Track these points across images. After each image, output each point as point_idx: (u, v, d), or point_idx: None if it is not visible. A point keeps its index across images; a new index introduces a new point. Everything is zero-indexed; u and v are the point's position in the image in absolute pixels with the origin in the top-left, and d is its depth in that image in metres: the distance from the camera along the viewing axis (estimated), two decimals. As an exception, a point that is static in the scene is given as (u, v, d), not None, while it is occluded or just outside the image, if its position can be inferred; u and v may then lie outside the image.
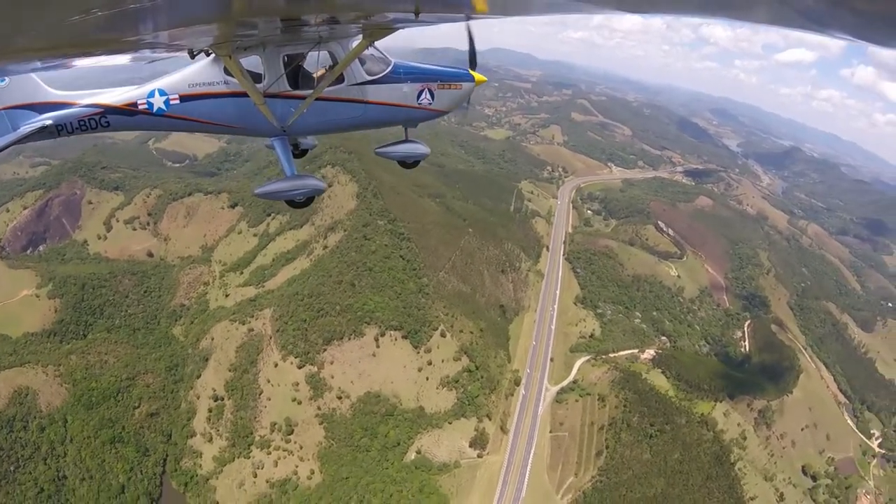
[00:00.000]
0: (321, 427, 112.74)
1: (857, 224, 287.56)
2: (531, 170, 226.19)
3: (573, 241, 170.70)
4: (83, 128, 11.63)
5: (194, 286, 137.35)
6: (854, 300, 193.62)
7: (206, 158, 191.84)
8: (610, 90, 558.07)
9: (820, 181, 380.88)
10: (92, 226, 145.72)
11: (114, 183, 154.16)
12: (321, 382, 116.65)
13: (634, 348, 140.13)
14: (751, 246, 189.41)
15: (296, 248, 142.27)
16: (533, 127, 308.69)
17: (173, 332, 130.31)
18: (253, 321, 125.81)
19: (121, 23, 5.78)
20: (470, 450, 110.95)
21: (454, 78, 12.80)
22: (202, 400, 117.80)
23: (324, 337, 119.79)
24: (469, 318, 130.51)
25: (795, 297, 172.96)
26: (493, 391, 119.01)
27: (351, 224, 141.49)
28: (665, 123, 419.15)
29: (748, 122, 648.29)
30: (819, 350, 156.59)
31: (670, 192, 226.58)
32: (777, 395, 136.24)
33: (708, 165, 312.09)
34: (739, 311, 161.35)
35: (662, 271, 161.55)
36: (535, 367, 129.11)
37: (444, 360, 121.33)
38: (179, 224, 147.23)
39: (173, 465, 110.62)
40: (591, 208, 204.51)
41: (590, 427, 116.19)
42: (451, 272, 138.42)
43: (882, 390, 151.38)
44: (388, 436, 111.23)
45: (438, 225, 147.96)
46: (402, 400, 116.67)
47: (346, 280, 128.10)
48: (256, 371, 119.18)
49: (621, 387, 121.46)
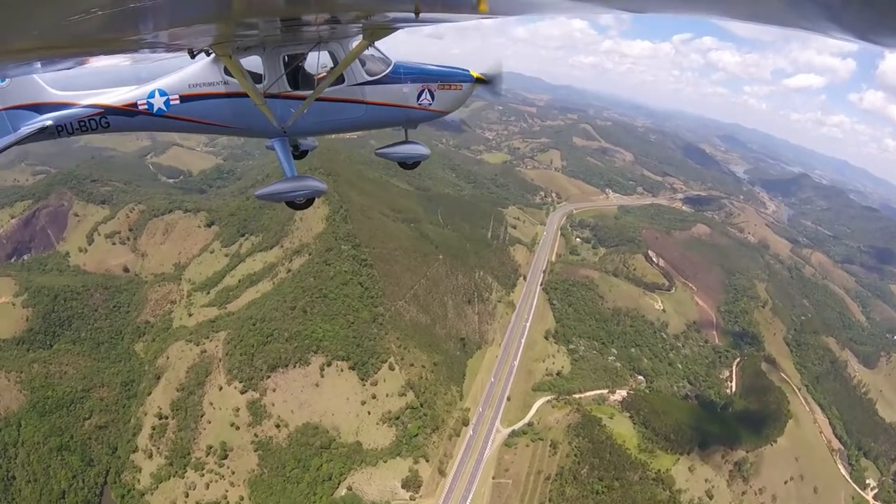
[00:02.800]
0: (255, 454, 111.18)
1: (864, 252, 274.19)
2: (522, 195, 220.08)
3: (552, 270, 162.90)
4: (83, 128, 11.67)
5: (161, 304, 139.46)
6: (857, 333, 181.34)
7: (200, 175, 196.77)
8: (618, 115, 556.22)
9: (827, 208, 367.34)
10: (75, 238, 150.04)
11: (102, 196, 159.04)
12: (261, 409, 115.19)
13: (604, 388, 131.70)
14: (748, 277, 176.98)
15: (262, 271, 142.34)
16: (532, 151, 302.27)
17: (135, 348, 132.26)
18: (207, 343, 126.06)
19: (121, 23, 5.86)
20: (402, 491, 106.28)
21: (454, 78, 12.78)
22: (148, 417, 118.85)
23: (269, 363, 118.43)
24: (423, 350, 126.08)
25: (793, 332, 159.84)
26: (434, 430, 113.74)
27: (316, 248, 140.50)
28: (670, 149, 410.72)
29: (757, 148, 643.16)
30: (815, 390, 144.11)
31: (667, 219, 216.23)
32: (759, 444, 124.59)
33: (711, 192, 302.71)
34: (729, 347, 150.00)
35: (646, 304, 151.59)
36: (489, 405, 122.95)
37: (388, 395, 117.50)
38: (157, 241, 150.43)
39: (114, 477, 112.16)
40: (580, 236, 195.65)
41: (535, 476, 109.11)
42: (411, 301, 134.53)
43: (881, 435, 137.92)
44: (321, 469, 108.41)
45: (407, 251, 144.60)
46: (340, 433, 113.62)
47: (299, 306, 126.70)
48: (202, 393, 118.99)
49: (576, 433, 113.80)
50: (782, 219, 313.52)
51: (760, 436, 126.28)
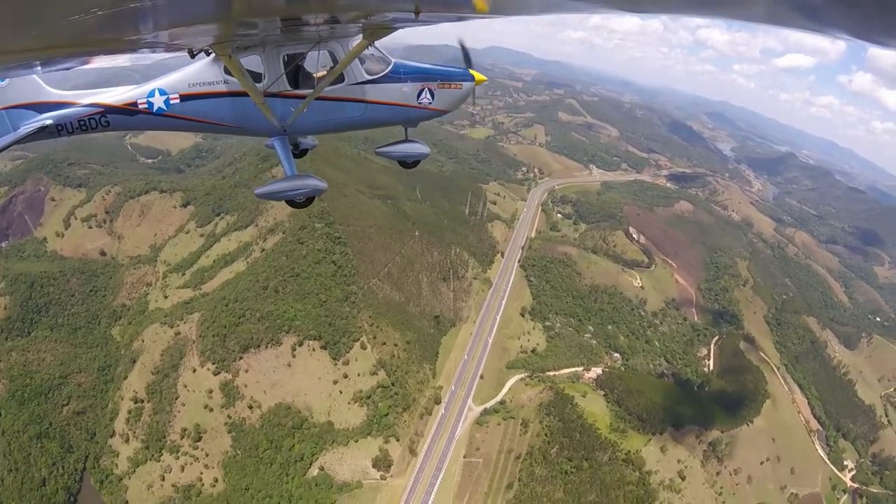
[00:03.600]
0: (229, 436, 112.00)
1: (848, 233, 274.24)
2: (504, 170, 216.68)
3: (531, 247, 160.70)
4: (83, 127, 11.69)
5: (137, 286, 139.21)
6: (839, 314, 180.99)
7: (179, 154, 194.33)
8: (605, 91, 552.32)
9: (813, 188, 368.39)
10: (52, 223, 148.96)
11: (79, 180, 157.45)
12: (234, 391, 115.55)
13: (579, 366, 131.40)
14: (730, 255, 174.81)
15: (237, 250, 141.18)
16: (516, 126, 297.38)
17: (112, 332, 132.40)
18: (181, 325, 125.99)
19: (121, 23, 5.83)
20: (373, 470, 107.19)
21: (454, 77, 12.76)
22: (125, 401, 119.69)
23: (241, 344, 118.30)
24: (396, 329, 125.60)
25: (774, 311, 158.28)
26: (405, 409, 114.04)
27: (290, 226, 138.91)
28: (656, 126, 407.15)
29: (745, 126, 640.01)
30: (794, 370, 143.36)
31: (649, 196, 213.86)
32: (735, 424, 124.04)
33: (696, 169, 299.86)
34: (708, 325, 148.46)
35: (625, 281, 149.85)
36: (462, 384, 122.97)
37: (360, 374, 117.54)
38: (133, 223, 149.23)
39: (93, 462, 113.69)
40: (561, 212, 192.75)
41: (506, 455, 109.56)
42: (385, 279, 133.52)
43: (860, 416, 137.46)
44: (293, 449, 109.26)
45: (382, 228, 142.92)
46: (312, 413, 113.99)
47: (271, 286, 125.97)
48: (177, 376, 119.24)
49: (547, 412, 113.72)
50: (767, 197, 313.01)
51: (737, 416, 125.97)
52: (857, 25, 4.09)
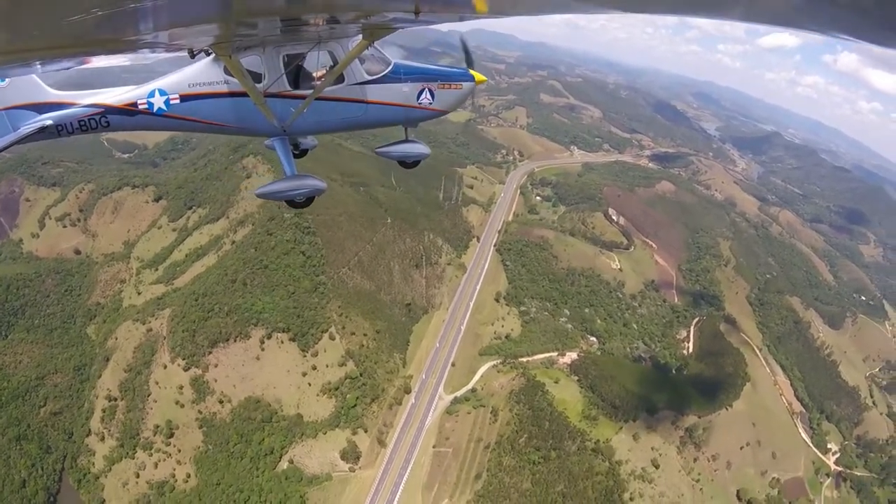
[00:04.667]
0: (200, 431, 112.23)
1: (833, 212, 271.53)
2: (483, 154, 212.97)
3: (507, 230, 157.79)
4: (83, 128, 11.63)
5: (111, 284, 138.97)
6: (824, 293, 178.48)
7: (155, 148, 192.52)
8: (589, 72, 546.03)
9: (798, 167, 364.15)
10: (28, 224, 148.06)
11: (53, 179, 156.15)
12: (205, 386, 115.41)
13: (553, 351, 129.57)
14: (712, 235, 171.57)
15: (208, 244, 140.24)
16: (497, 109, 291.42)
17: (87, 331, 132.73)
18: (153, 321, 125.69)
19: (121, 23, 5.85)
20: (342, 462, 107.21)
21: (454, 78, 12.76)
22: (99, 400, 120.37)
23: (210, 339, 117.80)
24: (366, 318, 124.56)
25: (756, 291, 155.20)
26: (374, 400, 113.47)
27: (259, 218, 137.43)
28: (640, 106, 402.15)
29: (730, 105, 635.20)
30: (776, 351, 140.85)
31: (630, 176, 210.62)
32: (713, 409, 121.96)
33: (680, 149, 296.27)
34: (688, 307, 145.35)
35: (602, 264, 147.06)
36: (433, 372, 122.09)
37: (328, 365, 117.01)
38: (107, 220, 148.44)
39: (70, 462, 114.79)
40: (540, 194, 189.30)
41: (475, 444, 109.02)
42: (355, 268, 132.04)
43: (844, 398, 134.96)
44: (263, 443, 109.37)
45: (353, 216, 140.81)
46: (282, 406, 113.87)
47: (239, 279, 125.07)
48: (149, 372, 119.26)
49: (517, 400, 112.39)
50: (752, 176, 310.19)
51: (715, 400, 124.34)
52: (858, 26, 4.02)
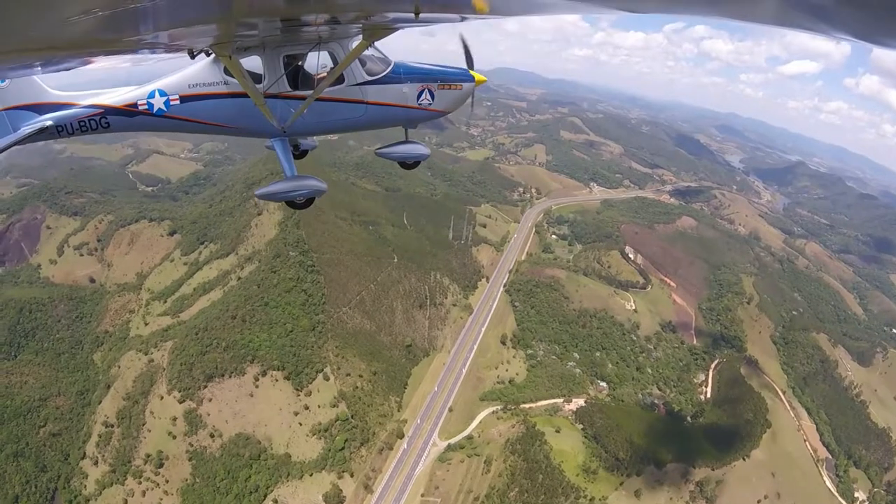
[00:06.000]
0: (189, 463, 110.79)
1: (861, 241, 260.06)
2: (499, 192, 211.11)
3: (518, 270, 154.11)
4: (83, 128, 11.66)
5: (120, 313, 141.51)
6: (853, 328, 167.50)
7: (178, 182, 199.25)
8: (612, 108, 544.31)
9: (824, 196, 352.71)
10: (47, 250, 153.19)
11: (75, 208, 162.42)
12: (198, 419, 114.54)
13: (559, 397, 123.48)
14: (734, 271, 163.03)
15: (216, 279, 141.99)
16: (516, 147, 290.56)
17: (94, 357, 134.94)
18: (155, 352, 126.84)
19: (121, 23, 5.86)
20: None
21: (454, 78, 12.72)
22: (97, 425, 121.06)
23: (206, 373, 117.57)
24: (363, 359, 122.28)
25: (781, 330, 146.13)
26: (363, 444, 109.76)
27: (265, 255, 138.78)
28: (662, 140, 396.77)
29: (754, 137, 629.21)
30: (801, 393, 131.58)
31: (650, 212, 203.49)
32: (728, 460, 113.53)
33: (702, 183, 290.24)
34: (708, 348, 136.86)
35: (616, 304, 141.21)
36: (429, 417, 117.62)
37: (320, 406, 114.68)
38: (122, 251, 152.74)
39: (63, 483, 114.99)
40: (556, 232, 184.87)
41: (465, 495, 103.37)
42: (356, 308, 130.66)
43: (874, 441, 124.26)
44: (249, 480, 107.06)
45: (359, 255, 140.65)
46: (272, 444, 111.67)
47: (239, 315, 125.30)
48: (146, 402, 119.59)
49: (512, 450, 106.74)
50: (777, 208, 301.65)
51: (731, 450, 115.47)
52: (859, 26, 3.98)
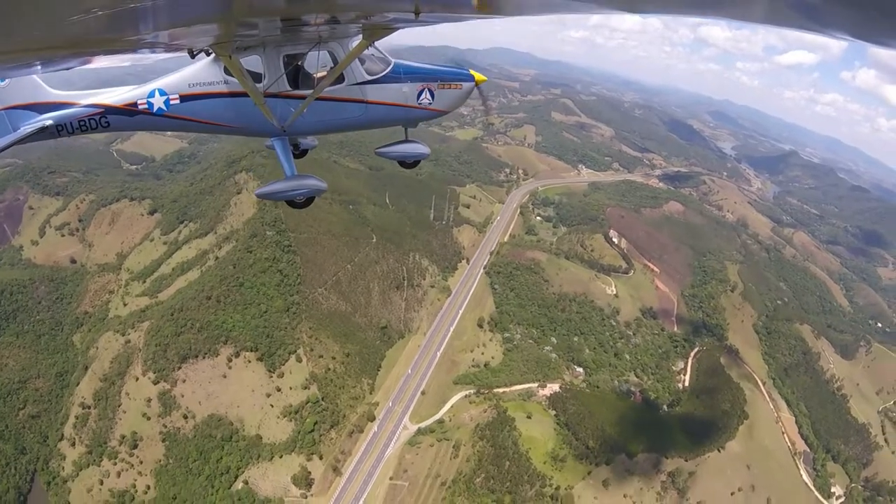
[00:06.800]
0: (163, 444, 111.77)
1: (850, 233, 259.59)
2: (486, 172, 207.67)
3: (499, 252, 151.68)
4: (83, 128, 11.67)
5: (100, 294, 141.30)
6: (838, 320, 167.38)
7: (162, 160, 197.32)
8: (606, 91, 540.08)
9: (815, 187, 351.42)
10: (29, 231, 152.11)
11: (57, 188, 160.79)
12: (171, 400, 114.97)
13: (534, 382, 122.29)
14: (720, 258, 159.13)
15: (194, 259, 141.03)
16: (505, 127, 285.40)
17: (73, 339, 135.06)
18: (132, 333, 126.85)
19: (121, 23, 5.86)
20: (294, 488, 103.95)
21: (454, 78, 12.74)
22: (74, 407, 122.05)
23: (180, 354, 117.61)
24: (337, 341, 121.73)
25: (764, 319, 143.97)
26: (333, 426, 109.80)
27: (242, 234, 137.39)
28: (654, 125, 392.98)
29: (748, 125, 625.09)
30: (782, 384, 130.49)
31: (638, 196, 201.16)
32: (702, 451, 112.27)
33: (693, 168, 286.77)
34: (689, 336, 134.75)
35: (597, 289, 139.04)
36: (401, 400, 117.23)
37: (292, 388, 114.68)
38: (103, 231, 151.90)
39: (42, 464, 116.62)
40: (541, 214, 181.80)
41: (433, 480, 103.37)
42: (332, 289, 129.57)
43: (853, 436, 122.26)
44: (220, 461, 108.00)
45: (337, 235, 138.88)
46: (244, 425, 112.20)
47: (214, 295, 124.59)
48: (122, 383, 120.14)
49: (481, 435, 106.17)
50: (767, 196, 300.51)
51: (706, 440, 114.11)
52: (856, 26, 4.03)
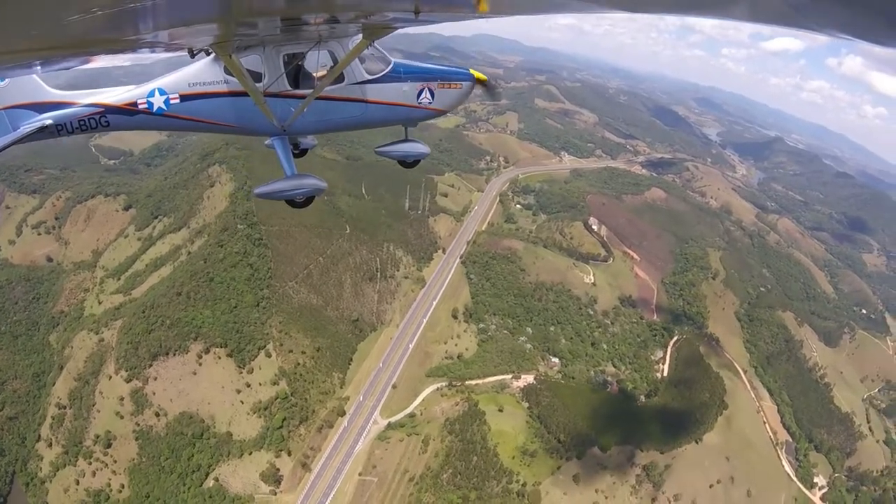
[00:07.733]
0: (136, 443, 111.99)
1: (835, 219, 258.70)
2: (466, 160, 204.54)
3: (476, 241, 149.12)
4: (83, 127, 11.68)
5: (76, 293, 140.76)
6: (821, 307, 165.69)
7: (140, 154, 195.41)
8: (591, 77, 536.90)
9: (800, 173, 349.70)
10: (6, 231, 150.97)
11: (34, 186, 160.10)
12: (143, 398, 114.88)
13: (508, 374, 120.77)
14: (702, 245, 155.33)
15: (168, 254, 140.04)
16: (487, 114, 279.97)
17: (50, 339, 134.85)
18: (106, 331, 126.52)
19: (121, 23, 5.88)
20: (264, 485, 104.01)
21: (454, 77, 12.68)
22: (51, 407, 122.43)
23: (151, 352, 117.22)
24: (307, 335, 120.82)
25: (746, 307, 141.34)
26: (302, 422, 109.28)
27: (214, 228, 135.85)
28: (639, 111, 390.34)
29: (733, 111, 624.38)
30: (764, 373, 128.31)
31: (619, 183, 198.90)
32: (679, 443, 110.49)
33: (676, 154, 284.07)
34: (668, 325, 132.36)
35: (575, 277, 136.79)
36: (372, 394, 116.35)
37: (261, 383, 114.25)
38: (79, 228, 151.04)
39: (21, 465, 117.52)
40: (521, 202, 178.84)
41: (402, 475, 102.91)
42: (303, 282, 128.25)
43: (836, 425, 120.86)
44: (192, 459, 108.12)
45: (309, 227, 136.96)
46: (215, 422, 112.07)
47: (184, 291, 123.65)
48: (95, 382, 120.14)
49: (450, 429, 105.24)
50: (751, 183, 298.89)
51: (684, 432, 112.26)
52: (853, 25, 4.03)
